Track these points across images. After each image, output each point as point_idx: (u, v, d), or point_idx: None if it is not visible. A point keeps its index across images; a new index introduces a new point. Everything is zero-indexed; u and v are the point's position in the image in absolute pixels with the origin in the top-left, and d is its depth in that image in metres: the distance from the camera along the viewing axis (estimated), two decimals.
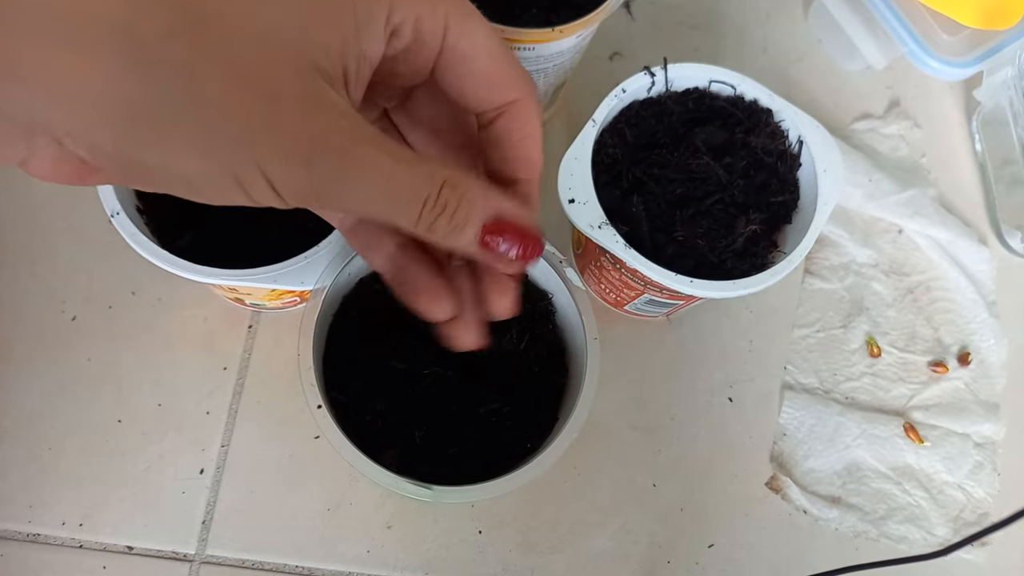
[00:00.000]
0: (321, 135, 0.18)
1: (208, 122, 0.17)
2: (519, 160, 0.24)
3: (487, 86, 0.23)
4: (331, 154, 0.18)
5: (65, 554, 0.39)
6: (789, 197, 0.39)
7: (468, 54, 0.22)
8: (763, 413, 0.45)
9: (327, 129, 0.18)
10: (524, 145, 0.24)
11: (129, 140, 0.17)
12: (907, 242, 0.50)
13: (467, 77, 0.22)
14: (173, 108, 0.17)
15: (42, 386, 0.42)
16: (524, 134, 0.24)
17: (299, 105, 0.18)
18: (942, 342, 0.48)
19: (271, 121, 0.18)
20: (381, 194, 0.19)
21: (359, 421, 0.32)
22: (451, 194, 0.20)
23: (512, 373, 0.34)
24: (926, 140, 0.53)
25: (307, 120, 0.18)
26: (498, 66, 0.22)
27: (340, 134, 0.18)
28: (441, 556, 0.41)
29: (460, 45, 0.21)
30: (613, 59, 0.52)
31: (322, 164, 0.18)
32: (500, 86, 0.23)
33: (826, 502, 0.44)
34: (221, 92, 0.17)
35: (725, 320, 0.47)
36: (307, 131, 0.18)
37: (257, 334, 0.44)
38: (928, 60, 0.48)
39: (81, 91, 0.16)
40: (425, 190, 0.20)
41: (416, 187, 0.20)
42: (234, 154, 0.18)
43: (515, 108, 0.23)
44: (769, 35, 0.54)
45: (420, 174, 0.20)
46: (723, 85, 0.40)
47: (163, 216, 0.36)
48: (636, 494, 0.43)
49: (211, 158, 0.18)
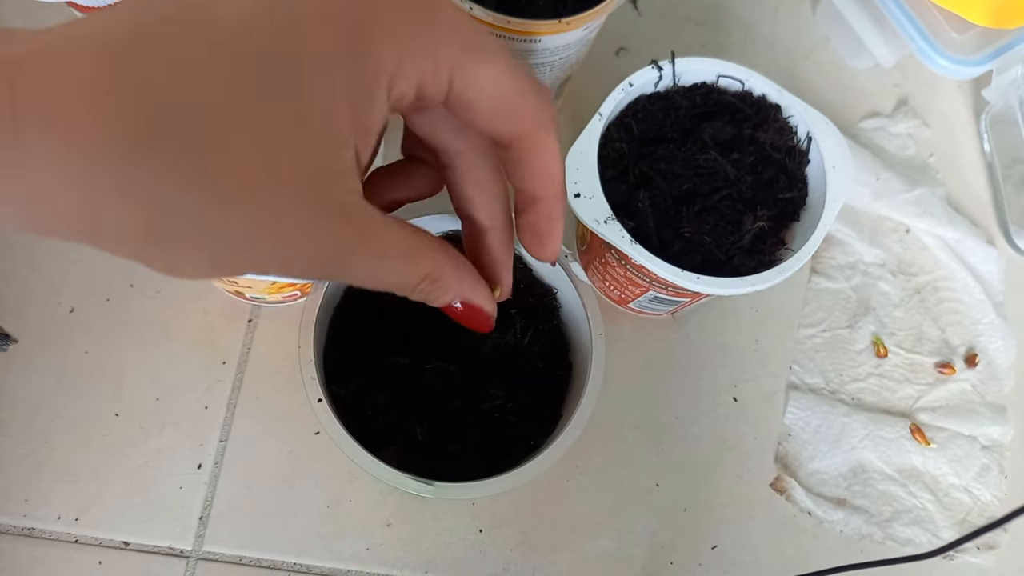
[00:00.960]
0: (324, 253, 0.19)
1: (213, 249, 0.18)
2: (535, 182, 0.24)
3: (496, 123, 0.22)
4: (330, 267, 0.20)
5: (60, 549, 0.39)
6: (797, 194, 0.39)
7: (474, 100, 0.21)
8: (768, 413, 0.45)
9: (328, 247, 0.19)
10: (539, 168, 0.23)
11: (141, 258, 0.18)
12: (914, 242, 0.49)
13: (475, 117, 0.22)
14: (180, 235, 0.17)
15: (39, 379, 0.41)
16: (538, 159, 0.23)
17: (302, 223, 0.18)
18: (949, 343, 0.48)
19: (276, 244, 0.19)
20: (371, 284, 0.22)
21: (360, 416, 0.32)
22: (428, 286, 0.23)
23: (516, 369, 0.34)
24: (934, 139, 0.52)
25: (310, 241, 0.19)
26: (507, 105, 0.22)
27: (340, 250, 0.20)
28: (441, 555, 0.40)
29: (466, 93, 0.21)
30: (619, 54, 0.51)
31: (321, 272, 0.20)
32: (509, 123, 0.22)
33: (831, 504, 0.43)
34: (224, 209, 0.17)
35: (731, 319, 0.46)
36: (310, 251, 0.19)
37: (257, 328, 0.43)
38: (937, 58, 0.48)
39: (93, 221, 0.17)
40: (409, 283, 0.22)
41: (401, 281, 0.22)
42: (241, 267, 0.19)
43: (527, 140, 0.23)
44: (776, 31, 0.54)
45: (407, 272, 0.22)
46: (731, 80, 0.40)
47: None
48: (639, 494, 0.42)
49: (216, 271, 0.19)
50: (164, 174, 0.16)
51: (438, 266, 0.23)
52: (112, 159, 0.16)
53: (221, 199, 0.17)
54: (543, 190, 0.24)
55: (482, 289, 0.25)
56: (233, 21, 0.17)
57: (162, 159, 0.16)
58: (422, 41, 0.19)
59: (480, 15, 0.36)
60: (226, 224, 0.18)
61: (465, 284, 0.24)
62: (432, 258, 0.22)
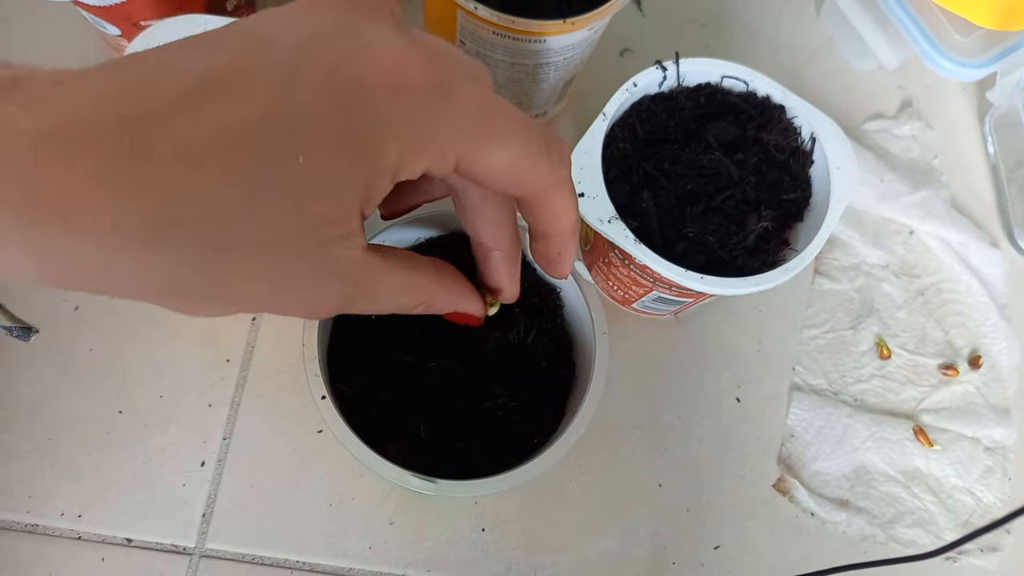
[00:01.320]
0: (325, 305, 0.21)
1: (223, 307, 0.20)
2: (547, 226, 0.25)
3: (506, 189, 0.23)
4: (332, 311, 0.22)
5: (63, 545, 0.39)
6: (801, 195, 0.39)
7: (482, 177, 0.21)
8: (771, 414, 0.45)
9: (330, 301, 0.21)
10: (551, 217, 0.24)
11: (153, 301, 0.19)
12: (918, 243, 0.49)
13: (484, 185, 0.22)
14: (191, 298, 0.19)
15: (43, 376, 0.41)
16: (549, 210, 0.24)
17: (307, 285, 0.20)
18: (953, 345, 0.48)
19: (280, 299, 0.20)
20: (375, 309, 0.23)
21: (364, 414, 0.32)
22: (425, 309, 0.25)
23: (519, 367, 0.34)
24: (938, 141, 0.52)
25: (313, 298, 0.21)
26: (517, 175, 0.22)
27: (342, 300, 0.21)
28: (444, 554, 0.40)
29: (473, 171, 0.21)
30: (623, 55, 0.51)
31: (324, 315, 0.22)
32: (519, 188, 0.22)
33: (834, 505, 0.43)
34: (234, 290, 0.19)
35: (734, 319, 0.46)
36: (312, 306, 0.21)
37: (261, 326, 0.43)
38: (941, 60, 0.48)
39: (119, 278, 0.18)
40: (406, 309, 0.24)
41: (398, 308, 0.24)
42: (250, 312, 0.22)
43: (540, 198, 0.23)
44: (780, 33, 0.54)
45: (404, 304, 0.24)
46: (735, 81, 0.40)
47: None
48: (642, 494, 0.42)
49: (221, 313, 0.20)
50: (177, 264, 0.17)
51: (433, 296, 0.25)
52: (126, 251, 0.17)
53: (231, 279, 0.18)
54: (553, 231, 0.25)
55: (474, 299, 0.27)
56: (241, 120, 0.17)
57: (176, 251, 0.17)
58: (425, 137, 0.20)
59: (485, 15, 0.36)
60: (236, 292, 0.19)
61: (459, 303, 0.26)
62: (427, 290, 0.24)
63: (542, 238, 0.25)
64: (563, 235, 0.25)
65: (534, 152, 0.22)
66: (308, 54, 0.18)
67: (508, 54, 0.39)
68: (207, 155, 0.17)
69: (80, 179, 0.16)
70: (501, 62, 0.40)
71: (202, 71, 0.18)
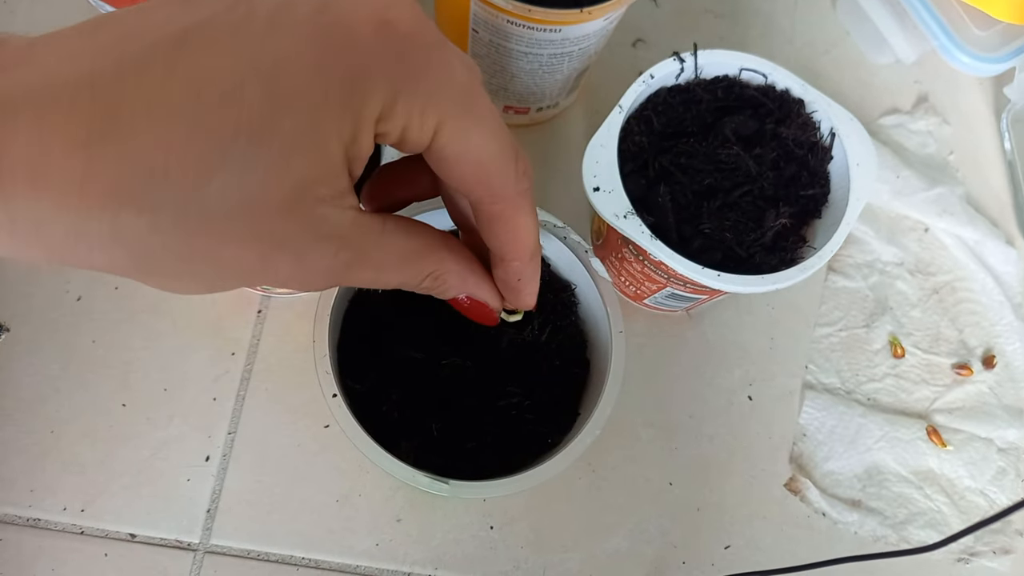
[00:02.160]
0: (320, 271, 0.20)
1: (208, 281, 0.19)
2: (504, 247, 0.23)
3: (468, 185, 0.21)
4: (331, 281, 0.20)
5: (66, 540, 0.38)
6: (819, 191, 0.38)
7: (451, 158, 0.20)
8: (783, 413, 0.44)
9: (325, 266, 0.20)
10: (509, 236, 0.23)
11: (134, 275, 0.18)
12: (933, 241, 0.49)
13: (449, 174, 0.21)
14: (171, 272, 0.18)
15: (46, 368, 0.41)
16: (508, 228, 0.23)
17: (297, 247, 0.19)
18: (967, 344, 0.47)
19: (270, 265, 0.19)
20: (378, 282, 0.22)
21: (375, 411, 0.31)
22: (431, 283, 0.23)
23: (533, 366, 0.33)
24: (954, 137, 0.51)
25: (306, 263, 0.19)
26: (484, 170, 0.21)
27: (340, 266, 0.20)
28: (451, 551, 0.40)
29: (446, 149, 0.20)
30: (636, 46, 0.50)
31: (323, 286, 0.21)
32: (482, 188, 0.21)
33: (846, 505, 0.43)
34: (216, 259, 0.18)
35: (746, 317, 0.46)
36: (306, 272, 0.19)
37: (267, 320, 0.42)
38: (959, 55, 0.47)
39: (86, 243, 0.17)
40: (412, 283, 0.23)
41: (404, 281, 0.22)
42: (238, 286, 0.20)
43: (498, 208, 0.22)
44: (797, 26, 0.53)
45: (409, 275, 0.22)
46: (754, 73, 0.39)
47: None
48: (651, 493, 0.42)
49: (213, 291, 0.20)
50: (153, 228, 0.17)
51: (442, 266, 0.23)
52: (96, 215, 0.16)
53: (214, 244, 0.17)
54: (512, 255, 0.24)
55: (487, 285, 0.25)
56: (220, 72, 0.17)
57: (150, 213, 0.16)
58: (410, 94, 0.19)
59: (500, 3, 0.35)
60: (222, 260, 0.18)
61: (470, 281, 0.24)
62: (435, 258, 0.22)
63: (501, 263, 0.24)
64: (522, 259, 0.24)
65: (507, 151, 0.21)
66: (292, 2, 0.18)
67: (522, 44, 0.38)
68: (182, 108, 0.16)
69: (48, 139, 0.15)
70: (515, 52, 0.39)
71: (182, 26, 0.17)
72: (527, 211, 0.23)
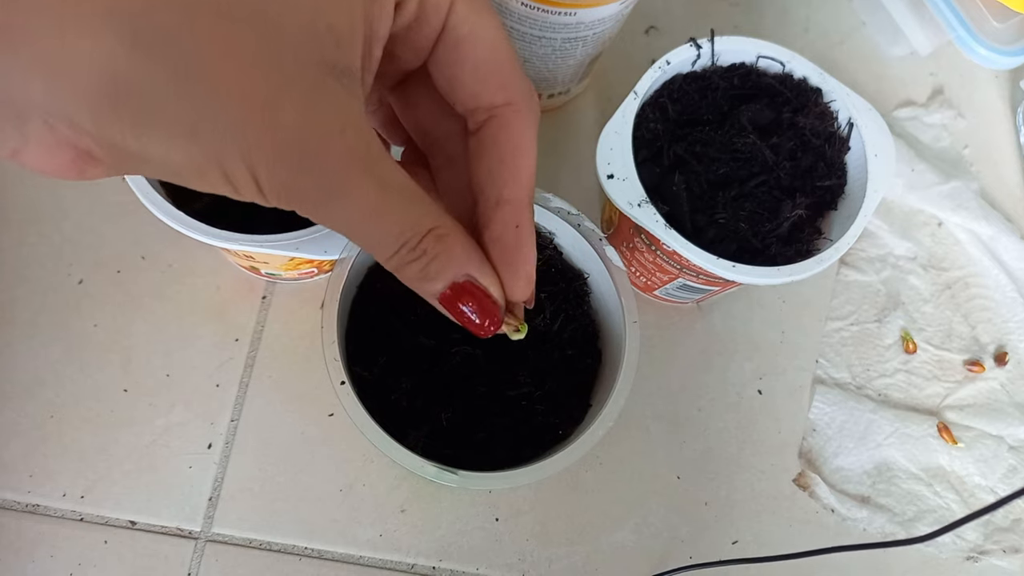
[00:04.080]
0: (319, 143, 0.17)
1: (196, 103, 0.15)
2: (505, 175, 0.21)
3: (482, 78, 0.20)
4: (325, 167, 0.17)
5: (65, 527, 0.38)
6: (836, 182, 0.38)
7: (468, 38, 0.20)
8: (793, 407, 0.44)
9: (326, 137, 0.17)
10: (512, 159, 0.21)
11: (110, 122, 0.15)
12: (947, 236, 0.48)
13: (463, 64, 0.20)
14: (159, 85, 0.15)
15: (46, 352, 0.40)
16: (515, 144, 0.21)
17: (301, 102, 0.16)
18: (979, 340, 0.47)
19: (267, 114, 0.16)
20: (362, 223, 0.18)
21: (383, 400, 0.30)
22: (432, 244, 0.19)
23: (544, 355, 0.32)
24: (969, 131, 0.51)
25: (307, 121, 0.16)
26: (497, 58, 0.20)
27: (338, 147, 0.17)
28: (456, 543, 0.39)
29: (462, 28, 0.20)
30: (649, 32, 0.50)
31: (312, 175, 0.17)
32: (496, 81, 0.20)
33: (855, 501, 0.42)
34: (213, 73, 0.15)
35: (757, 309, 0.45)
36: (304, 135, 0.16)
37: (271, 305, 0.42)
38: (976, 47, 0.46)
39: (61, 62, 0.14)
40: (407, 233, 0.19)
41: (400, 228, 0.19)
42: (222, 143, 0.16)
43: (509, 112, 0.21)
44: (812, 15, 0.52)
45: (407, 216, 0.19)
46: (771, 61, 0.38)
47: None
48: (659, 487, 0.41)
49: (196, 147, 0.16)
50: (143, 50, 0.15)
51: (445, 225, 0.19)
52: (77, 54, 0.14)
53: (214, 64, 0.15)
54: (513, 186, 0.21)
55: (490, 272, 0.21)
56: None
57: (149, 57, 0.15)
58: None
59: None
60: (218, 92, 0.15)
61: (474, 257, 0.20)
62: (439, 213, 0.19)
63: (495, 211, 0.21)
64: (523, 196, 0.21)
65: (512, 50, 0.20)
66: None
67: (536, 27, 0.37)
68: None
69: None
70: (528, 35, 0.38)
71: None
72: (534, 129, 0.21)
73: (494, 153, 0.21)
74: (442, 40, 0.20)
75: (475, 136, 0.22)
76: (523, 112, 0.21)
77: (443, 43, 0.20)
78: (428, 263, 0.19)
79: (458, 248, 0.20)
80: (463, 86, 0.21)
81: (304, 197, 0.17)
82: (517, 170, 0.21)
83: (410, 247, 0.19)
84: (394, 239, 0.19)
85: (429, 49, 0.21)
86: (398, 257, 0.19)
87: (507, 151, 0.21)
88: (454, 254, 0.19)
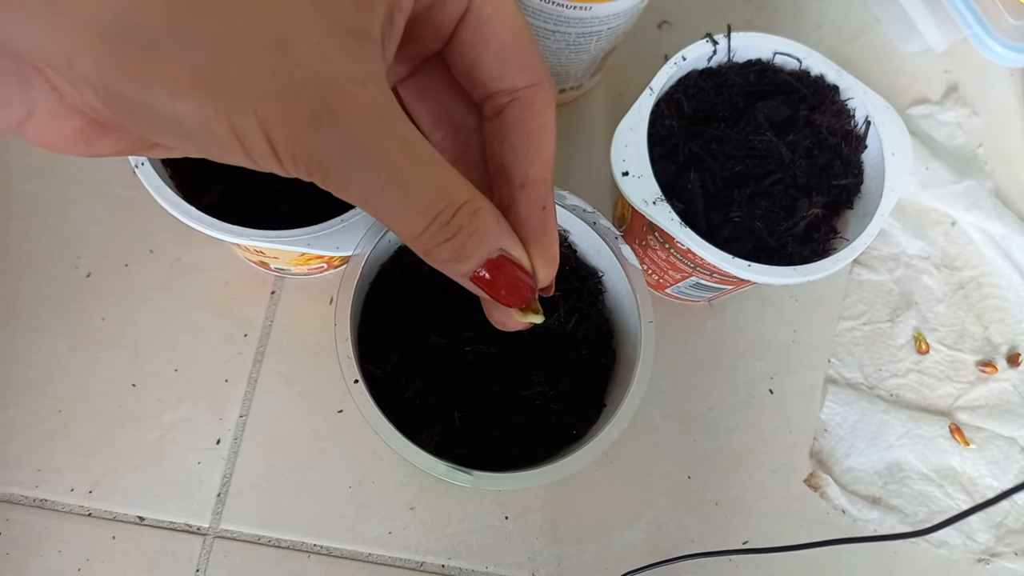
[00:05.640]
0: (338, 93, 0.15)
1: (203, 44, 0.14)
2: (531, 155, 0.21)
3: (505, 59, 0.20)
4: (345, 121, 0.15)
5: (73, 522, 0.37)
6: (852, 181, 0.37)
7: (492, 19, 0.20)
8: (804, 407, 0.43)
9: (346, 87, 0.15)
10: (538, 137, 0.21)
11: (111, 65, 0.14)
12: (960, 235, 0.48)
13: (487, 44, 0.20)
14: (163, 23, 0.14)
15: (53, 346, 0.40)
16: (539, 124, 0.21)
17: (318, 45, 0.15)
18: (992, 341, 0.46)
19: (281, 56, 0.15)
20: (388, 190, 0.16)
21: (396, 398, 0.30)
22: (467, 220, 0.17)
23: (558, 354, 0.32)
24: (984, 129, 0.50)
25: (325, 67, 0.15)
26: (519, 41, 0.20)
27: (360, 98, 0.15)
28: (465, 541, 0.39)
29: (486, 7, 0.20)
30: (662, 27, 0.49)
31: (331, 131, 0.15)
32: (518, 62, 0.20)
33: (866, 502, 0.42)
34: (222, 10, 0.14)
35: (769, 308, 0.45)
36: (321, 80, 0.15)
37: (280, 300, 0.41)
38: (991, 44, 0.46)
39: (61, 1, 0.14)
40: (439, 204, 0.17)
41: (431, 198, 0.17)
42: (230, 96, 0.15)
43: (531, 93, 0.21)
44: (825, 11, 0.51)
45: (439, 185, 0.17)
46: (788, 58, 0.38)
47: (190, 171, 0.33)
48: (669, 486, 0.41)
49: (203, 96, 0.15)
50: None
51: (478, 196, 0.18)
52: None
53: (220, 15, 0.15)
54: (537, 165, 0.21)
55: (520, 246, 0.20)
56: None
57: None
58: None
59: None
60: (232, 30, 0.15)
61: (505, 231, 0.19)
62: (469, 185, 0.18)
63: (520, 193, 0.20)
64: (547, 175, 0.20)
65: (531, 33, 0.20)
66: None
67: (551, 21, 0.37)
68: None
69: None
70: (542, 30, 0.37)
71: None
72: (554, 110, 0.21)
73: (519, 132, 0.21)
74: (465, 20, 0.20)
75: (495, 120, 0.21)
76: (545, 90, 0.21)
77: (466, 23, 0.20)
78: (464, 241, 0.18)
79: (492, 223, 0.18)
80: (487, 67, 0.21)
81: (321, 158, 0.16)
82: (543, 148, 0.21)
83: (443, 221, 0.17)
84: (424, 211, 0.17)
85: (451, 29, 0.21)
86: (428, 234, 0.17)
87: (532, 129, 0.21)
88: (489, 230, 0.18)
